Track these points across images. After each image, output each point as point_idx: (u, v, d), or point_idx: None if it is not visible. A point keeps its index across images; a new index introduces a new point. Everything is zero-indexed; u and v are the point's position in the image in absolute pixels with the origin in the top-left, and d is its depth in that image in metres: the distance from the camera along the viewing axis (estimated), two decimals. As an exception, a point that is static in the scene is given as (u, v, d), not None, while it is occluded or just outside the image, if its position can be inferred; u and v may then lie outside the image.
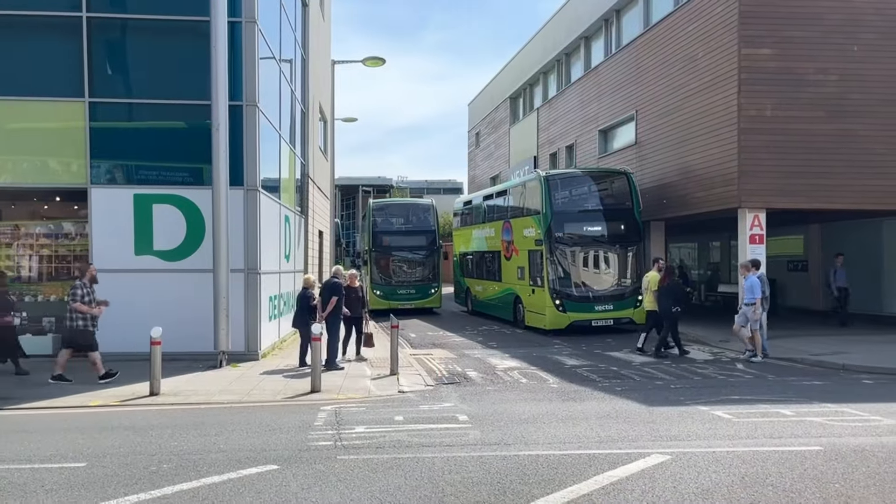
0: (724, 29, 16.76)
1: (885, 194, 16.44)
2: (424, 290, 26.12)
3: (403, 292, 25.91)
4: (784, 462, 6.60)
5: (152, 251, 13.54)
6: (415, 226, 27.20)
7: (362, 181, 61.62)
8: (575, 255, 18.85)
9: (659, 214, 20.33)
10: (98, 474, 6.43)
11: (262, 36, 14.25)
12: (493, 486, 5.95)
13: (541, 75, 33.22)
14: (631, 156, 21.92)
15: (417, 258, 26.27)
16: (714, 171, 17.26)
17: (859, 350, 14.18)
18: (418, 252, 26.29)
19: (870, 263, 19.98)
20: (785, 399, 9.90)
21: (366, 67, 23.17)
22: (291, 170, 18.92)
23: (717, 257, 28.42)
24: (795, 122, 16.14)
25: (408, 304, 25.42)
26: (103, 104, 13.64)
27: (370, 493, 5.82)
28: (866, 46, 16.30)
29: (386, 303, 24.71)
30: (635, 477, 6.17)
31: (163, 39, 14.22)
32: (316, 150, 23.73)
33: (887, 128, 16.29)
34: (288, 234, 17.72)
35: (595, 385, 11.32)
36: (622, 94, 22.75)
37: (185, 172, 13.94)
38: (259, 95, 13.90)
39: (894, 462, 6.56)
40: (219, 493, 5.87)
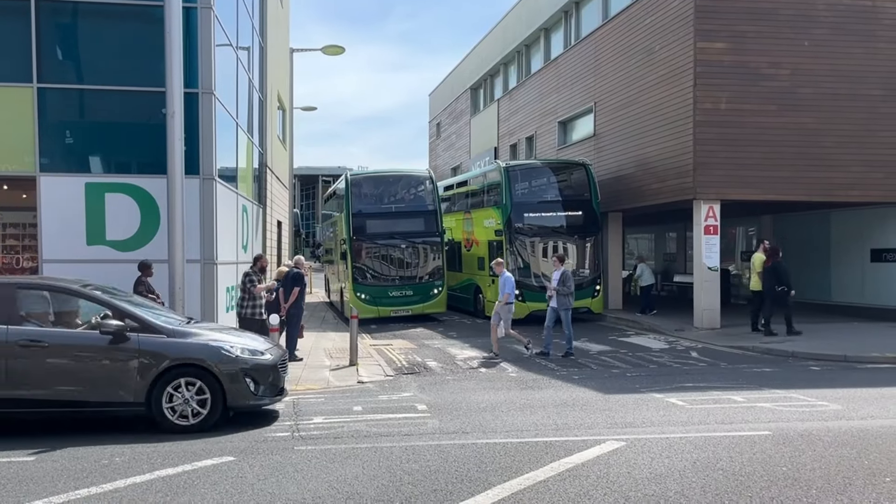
0: (681, 22, 17.00)
1: (834, 186, 16.90)
2: (425, 292, 19.84)
3: (397, 294, 19.67)
4: (734, 447, 6.77)
5: (105, 241, 13.22)
6: (409, 205, 21.19)
7: (322, 171, 61.15)
8: (534, 246, 18.99)
9: (616, 205, 20.59)
10: (47, 468, 6.30)
11: (218, 22, 13.99)
12: (451, 475, 5.98)
13: (501, 66, 33.30)
14: (589, 147, 22.13)
15: (414, 248, 20.16)
16: (670, 162, 17.53)
17: (807, 338, 14.58)
18: (415, 240, 20.05)
19: (818, 254, 20.54)
20: (736, 386, 10.15)
21: (325, 56, 22.98)
22: (249, 159, 18.66)
23: (674, 248, 28.91)
24: (749, 116, 16.47)
25: (403, 309, 19.49)
26: (53, 90, 13.24)
27: (328, 482, 5.81)
28: (817, 41, 16.70)
29: (374, 309, 19.27)
30: (591, 463, 6.27)
31: (116, 24, 13.86)
32: (274, 139, 23.44)
33: (836, 122, 16.72)
34: (245, 225, 17.49)
35: (553, 374, 11.44)
36: (581, 86, 22.94)
37: (139, 161, 13.63)
38: (215, 83, 13.65)
39: (840, 446, 6.78)
40: (173, 485, 5.79)
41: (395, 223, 20.18)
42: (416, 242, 20.08)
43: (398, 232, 19.96)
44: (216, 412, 7.84)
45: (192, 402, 7.77)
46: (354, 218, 19.88)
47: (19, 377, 7.56)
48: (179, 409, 7.75)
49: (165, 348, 7.82)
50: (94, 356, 7.73)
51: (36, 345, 7.62)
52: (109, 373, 7.71)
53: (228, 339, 8.38)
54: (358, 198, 20.30)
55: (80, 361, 7.74)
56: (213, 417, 7.82)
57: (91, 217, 13.19)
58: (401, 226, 20.09)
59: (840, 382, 10.41)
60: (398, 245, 20.03)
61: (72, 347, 7.77)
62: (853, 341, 14.10)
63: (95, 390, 7.70)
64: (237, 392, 7.92)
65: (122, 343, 7.73)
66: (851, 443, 6.87)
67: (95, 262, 13.24)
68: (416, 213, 20.51)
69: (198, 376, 7.80)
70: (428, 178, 21.13)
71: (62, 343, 7.76)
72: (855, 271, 19.13)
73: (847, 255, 19.41)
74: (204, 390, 7.79)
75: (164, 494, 5.57)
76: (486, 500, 5.36)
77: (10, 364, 7.56)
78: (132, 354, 7.73)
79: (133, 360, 7.72)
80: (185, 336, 8.07)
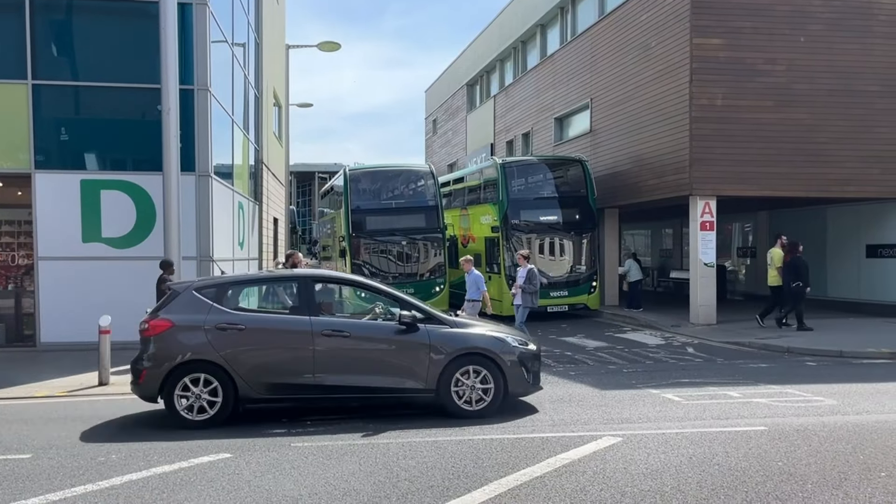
0: (677, 19, 16.99)
1: (829, 182, 16.92)
2: (426, 289, 19.31)
3: None
4: (730, 442, 6.78)
5: (101, 238, 13.22)
6: (409, 200, 20.78)
7: (318, 167, 60.98)
8: (531, 242, 18.99)
9: (613, 202, 20.60)
10: (44, 465, 6.29)
11: (213, 18, 13.96)
12: (448, 471, 5.99)
13: (497, 62, 33.27)
14: (586, 143, 22.13)
15: (415, 245, 19.90)
16: (666, 158, 17.54)
17: (803, 333, 14.61)
18: (415, 236, 19.79)
19: (814, 250, 20.57)
20: (732, 381, 10.17)
21: (321, 52, 22.91)
22: (245, 156, 18.64)
23: (670, 244, 28.93)
24: (745, 111, 16.48)
25: None
26: (47, 87, 13.23)
27: (324, 479, 5.81)
28: (813, 37, 16.70)
29: None
30: (587, 459, 6.28)
31: (111, 21, 13.84)
32: (270, 135, 23.41)
33: (831, 118, 16.73)
34: (242, 221, 17.48)
35: (549, 370, 11.44)
36: (577, 82, 22.93)
37: (135, 158, 13.64)
38: (211, 79, 13.63)
39: (835, 440, 6.80)
40: (170, 482, 5.79)
41: (396, 219, 19.76)
42: (417, 239, 19.70)
43: (398, 228, 19.56)
44: (498, 399, 8.13)
45: (476, 389, 8.08)
46: (353, 214, 19.51)
47: (323, 365, 7.90)
48: (465, 395, 8.07)
49: (453, 338, 8.18)
50: (389, 345, 8.12)
51: (338, 334, 7.97)
52: (402, 361, 8.07)
53: (500, 329, 8.76)
54: (357, 193, 19.95)
55: (377, 350, 8.13)
56: (496, 404, 8.12)
57: (86, 214, 13.19)
58: (401, 222, 19.68)
59: (836, 378, 10.44)
60: (398, 242, 19.67)
61: (370, 338, 8.16)
62: (849, 337, 14.13)
63: (387, 377, 8.04)
64: (516, 379, 8.23)
65: (413, 333, 8.08)
66: (847, 438, 6.89)
67: (91, 260, 13.26)
68: (416, 208, 20.12)
69: (482, 365, 8.12)
70: (429, 173, 20.78)
71: (362, 334, 8.15)
72: (851, 267, 19.16)
73: (843, 251, 19.44)
74: (488, 379, 8.11)
75: (161, 491, 5.57)
76: (482, 495, 5.37)
77: (317, 353, 7.89)
78: (423, 344, 8.06)
79: (423, 349, 8.04)
80: (465, 327, 8.44)
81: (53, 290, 13.08)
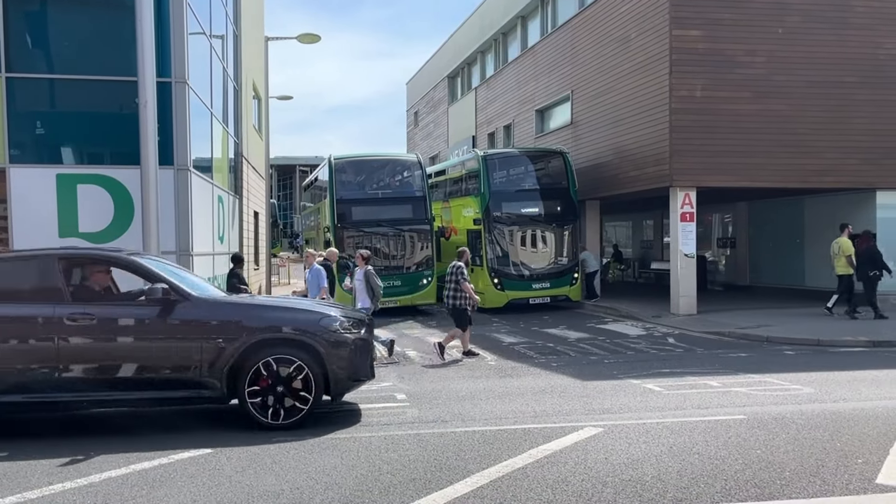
0: (656, 10, 17.04)
1: (807, 173, 17.09)
2: (413, 282, 18.93)
3: (384, 285, 18.26)
4: (710, 431, 6.85)
5: (78, 233, 13.03)
6: (396, 190, 20.27)
7: (299, 160, 60.67)
8: (513, 234, 19.04)
9: (594, 193, 20.68)
10: (21, 464, 6.21)
11: (191, 10, 13.79)
12: (430, 463, 5.99)
13: (478, 54, 33.22)
14: (567, 135, 22.18)
15: (402, 236, 19.33)
16: (647, 150, 17.62)
17: (782, 322, 14.78)
18: (402, 227, 19.23)
19: (792, 240, 20.81)
20: (712, 371, 10.26)
21: (301, 44, 22.74)
22: (224, 149, 18.47)
23: (651, 235, 29.13)
24: (724, 103, 16.58)
25: (391, 300, 17.91)
26: (22, 79, 13.00)
27: (306, 473, 5.79)
28: (790, 29, 16.83)
29: None
30: (569, 449, 6.31)
31: (86, 12, 13.62)
32: (250, 128, 23.22)
33: (810, 109, 16.88)
34: (222, 216, 17.33)
35: (532, 361, 11.49)
36: (558, 74, 22.95)
37: (112, 152, 13.45)
38: (189, 72, 13.47)
39: (813, 428, 6.88)
40: (149, 478, 5.74)
41: (382, 210, 19.22)
42: (404, 230, 19.23)
43: (385, 219, 19.07)
44: None
45: None
46: (338, 204, 18.97)
47: None
48: None
49: None
50: None
51: None
52: None
53: None
54: (342, 183, 19.46)
55: None
56: None
57: (63, 209, 13.00)
58: (388, 212, 19.16)
59: (814, 366, 10.57)
60: (385, 233, 19.19)
61: None
62: (826, 325, 14.31)
63: None
64: None
65: None
66: (824, 425, 6.98)
67: (68, 255, 13.03)
68: (403, 199, 19.61)
69: None
70: (416, 163, 20.29)
71: None
72: (828, 257, 19.34)
73: (821, 241, 19.61)
74: None
75: (141, 488, 5.52)
76: (464, 487, 5.38)
77: None
78: None
79: None
80: None
81: (30, 286, 12.90)
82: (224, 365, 7.10)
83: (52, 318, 7.07)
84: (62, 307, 7.12)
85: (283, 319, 7.54)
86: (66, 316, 7.07)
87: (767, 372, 10.04)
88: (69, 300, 7.22)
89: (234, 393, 7.23)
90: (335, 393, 7.62)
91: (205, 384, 7.16)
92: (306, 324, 7.45)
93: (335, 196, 19.09)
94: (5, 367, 6.99)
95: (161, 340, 7.23)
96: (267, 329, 7.35)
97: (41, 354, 7.03)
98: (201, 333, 7.19)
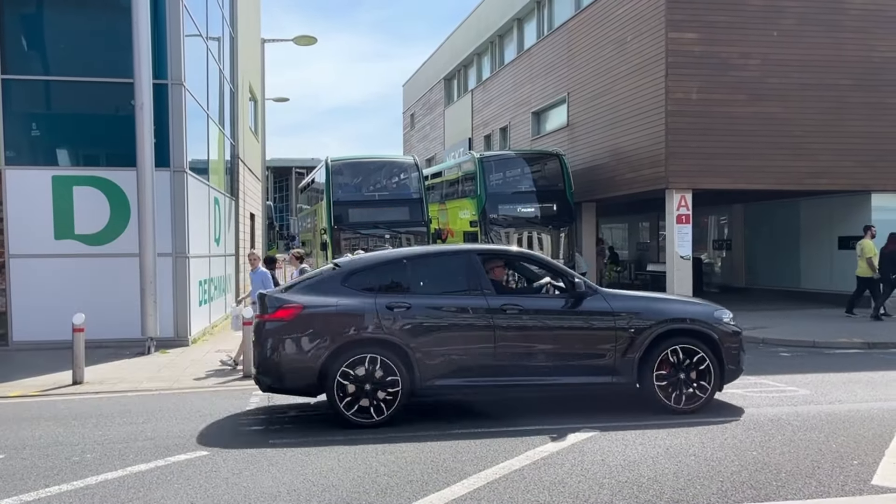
0: (652, 13, 17.09)
1: (802, 175, 17.14)
2: None
3: None
4: (706, 433, 6.86)
5: (73, 235, 13.04)
6: (393, 193, 20.29)
7: (295, 162, 60.65)
8: (509, 237, 19.04)
9: (590, 195, 20.71)
10: (17, 466, 6.20)
11: (187, 12, 13.80)
12: (427, 465, 5.99)
13: (475, 57, 33.27)
14: (563, 138, 22.21)
15: (399, 238, 19.27)
16: (643, 152, 17.66)
17: (777, 324, 14.82)
18: (399, 229, 19.25)
19: (788, 242, 20.86)
20: (708, 372, 10.25)
21: (297, 46, 22.73)
22: (221, 151, 18.47)
23: (647, 237, 29.16)
24: (719, 105, 16.64)
25: None
26: (18, 81, 13.00)
27: (303, 475, 5.79)
28: (785, 32, 16.89)
29: None
30: (565, 451, 6.31)
31: (83, 14, 13.64)
32: (246, 130, 23.22)
33: (804, 111, 16.95)
34: (218, 217, 17.32)
35: (528, 363, 11.48)
36: (554, 76, 22.99)
37: (108, 153, 13.46)
38: (185, 74, 13.48)
39: (808, 430, 6.90)
40: (146, 481, 5.74)
41: (379, 212, 19.30)
42: (401, 232, 19.14)
43: (381, 221, 19.09)
44: None
45: None
46: (335, 206, 18.98)
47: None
48: None
49: None
50: None
51: None
52: None
53: None
54: (339, 185, 19.50)
55: None
56: None
57: (59, 211, 13.00)
58: (384, 214, 19.21)
59: (809, 368, 10.60)
60: (382, 235, 19.09)
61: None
62: (822, 327, 14.35)
63: None
64: None
65: None
66: (820, 427, 7.00)
67: (64, 257, 13.08)
68: (400, 201, 19.60)
69: None
70: (413, 165, 20.31)
71: None
72: (823, 259, 19.45)
73: (816, 243, 19.73)
74: None
75: (137, 490, 5.51)
76: (461, 489, 5.38)
77: None
78: None
79: None
80: None
81: (25, 289, 12.88)
82: (635, 353, 7.61)
83: (486, 308, 7.52)
84: (493, 298, 7.61)
85: (684, 311, 8.02)
86: (499, 307, 7.54)
87: (763, 373, 10.05)
88: (493, 292, 7.70)
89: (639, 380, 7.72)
90: (724, 383, 7.94)
91: (618, 371, 7.65)
92: (703, 315, 7.95)
93: (332, 198, 19.13)
94: (449, 353, 7.43)
95: (580, 330, 7.75)
96: (672, 320, 7.79)
97: (479, 342, 7.48)
98: (613, 323, 7.67)
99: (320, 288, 7.54)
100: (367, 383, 7.18)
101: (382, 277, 7.73)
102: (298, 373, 7.28)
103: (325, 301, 7.37)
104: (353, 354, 7.20)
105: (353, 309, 7.34)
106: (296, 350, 7.30)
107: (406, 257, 8.06)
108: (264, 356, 7.38)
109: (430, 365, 7.34)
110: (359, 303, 7.36)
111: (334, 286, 7.50)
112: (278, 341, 7.31)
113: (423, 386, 7.37)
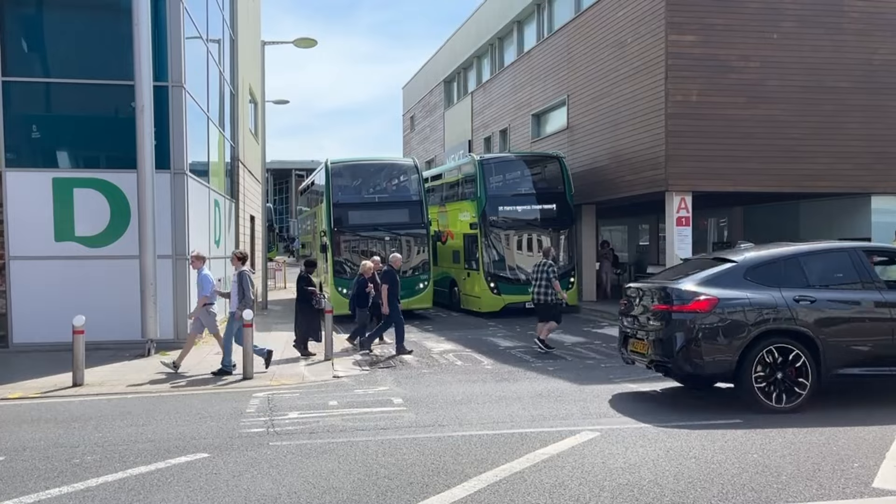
0: (652, 15, 17.11)
1: (802, 177, 17.15)
2: (409, 286, 18.23)
3: None
4: (707, 435, 6.86)
5: (74, 237, 13.04)
6: (393, 195, 20.25)
7: (295, 165, 60.69)
8: (509, 239, 19.05)
9: (590, 198, 20.71)
10: (17, 468, 6.19)
11: (187, 14, 13.81)
12: (427, 467, 5.99)
13: (475, 59, 33.28)
14: (563, 140, 22.22)
15: (398, 241, 19.10)
16: (643, 154, 17.67)
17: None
18: (399, 231, 19.12)
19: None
20: (709, 375, 10.25)
21: (297, 49, 22.72)
22: (221, 153, 18.48)
23: (647, 239, 29.17)
24: (719, 108, 16.64)
25: None
26: (18, 83, 13.01)
27: (303, 478, 5.79)
28: (785, 34, 16.91)
29: None
30: (566, 454, 6.31)
31: (83, 16, 13.65)
32: (246, 132, 23.23)
33: (804, 113, 16.96)
34: (218, 219, 17.33)
35: (528, 365, 11.50)
36: (554, 78, 23.00)
37: (109, 156, 13.47)
38: (185, 76, 13.49)
39: (809, 432, 6.90)
40: (146, 483, 5.73)
41: (378, 214, 19.20)
42: (401, 234, 19.14)
43: (381, 223, 19.00)
44: None
45: None
46: (335, 208, 18.87)
47: None
48: None
49: None
50: None
51: None
52: None
53: None
54: (339, 187, 19.37)
55: None
56: None
57: (59, 213, 13.01)
58: (384, 217, 19.12)
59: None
60: (381, 237, 19.09)
61: None
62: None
63: None
64: None
65: None
66: (820, 429, 7.00)
67: (65, 259, 13.09)
68: (400, 203, 19.58)
69: None
70: (413, 167, 20.24)
71: None
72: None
73: (816, 245, 19.70)
74: None
75: (137, 493, 5.51)
76: (462, 492, 5.38)
77: None
78: None
79: None
80: None
81: (26, 290, 12.89)
82: None
83: (883, 302, 8.00)
84: (887, 293, 8.08)
85: None
86: (895, 301, 8.01)
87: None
88: (885, 287, 8.17)
89: None
90: None
91: None
92: None
93: (332, 200, 19.05)
94: (851, 343, 7.91)
95: None
96: None
97: (879, 334, 7.98)
98: None
99: (721, 282, 8.03)
100: (779, 371, 7.70)
101: (780, 272, 8.17)
102: (719, 360, 7.77)
103: (736, 294, 7.87)
104: (770, 344, 7.72)
105: (766, 302, 7.82)
106: (715, 339, 7.78)
107: (800, 254, 8.44)
108: (680, 345, 7.86)
109: (834, 355, 7.79)
110: (768, 296, 7.86)
111: (736, 280, 8.02)
112: (697, 331, 7.79)
113: (828, 375, 7.80)
